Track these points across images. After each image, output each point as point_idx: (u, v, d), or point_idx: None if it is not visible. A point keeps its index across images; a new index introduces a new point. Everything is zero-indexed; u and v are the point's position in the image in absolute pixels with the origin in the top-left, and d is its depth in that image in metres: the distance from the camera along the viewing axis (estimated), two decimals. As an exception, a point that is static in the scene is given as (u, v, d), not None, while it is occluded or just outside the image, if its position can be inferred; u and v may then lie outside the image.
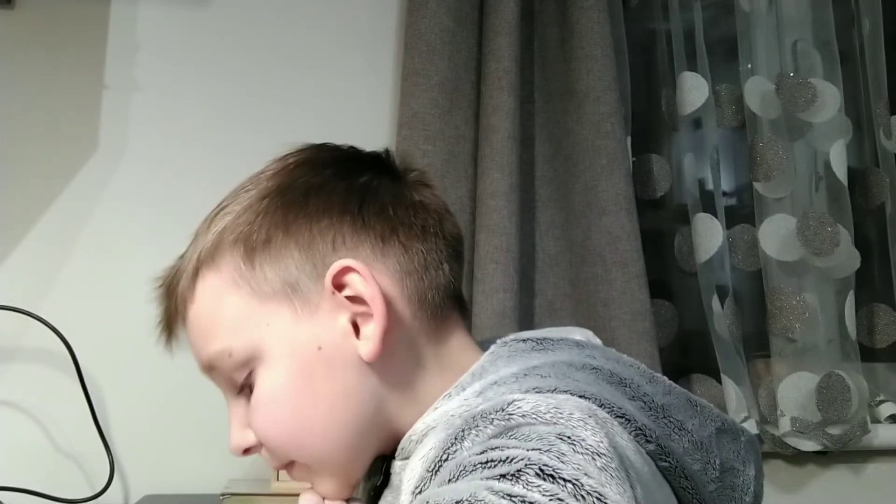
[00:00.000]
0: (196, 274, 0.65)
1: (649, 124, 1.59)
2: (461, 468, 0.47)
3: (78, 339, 1.25)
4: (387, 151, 0.71)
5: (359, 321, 0.63)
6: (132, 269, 1.32)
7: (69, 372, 1.25)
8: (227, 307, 0.64)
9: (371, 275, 0.62)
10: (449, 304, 0.67)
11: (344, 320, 0.63)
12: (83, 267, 1.36)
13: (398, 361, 0.64)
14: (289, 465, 0.66)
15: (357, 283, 0.62)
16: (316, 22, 1.48)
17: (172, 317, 0.68)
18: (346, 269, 0.62)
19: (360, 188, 0.66)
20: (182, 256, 0.68)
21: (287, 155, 0.69)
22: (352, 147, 0.71)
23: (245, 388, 0.65)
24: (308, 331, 0.63)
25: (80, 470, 1.32)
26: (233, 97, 1.43)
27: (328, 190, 0.65)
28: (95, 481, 1.29)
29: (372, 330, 0.62)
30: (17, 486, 1.20)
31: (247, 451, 0.66)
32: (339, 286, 0.63)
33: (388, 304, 0.63)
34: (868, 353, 1.55)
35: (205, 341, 0.65)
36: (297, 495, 0.67)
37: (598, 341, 0.70)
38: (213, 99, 1.43)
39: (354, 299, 0.63)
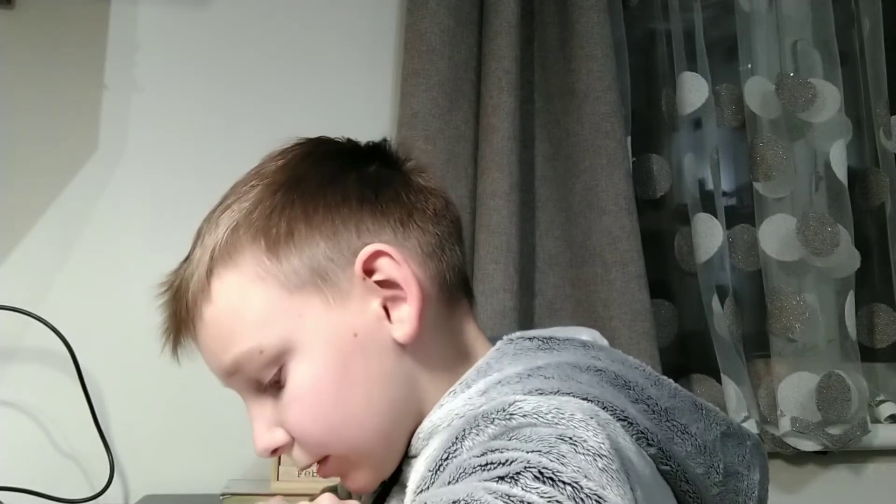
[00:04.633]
0: (210, 274, 0.63)
1: (649, 124, 1.59)
2: (461, 470, 0.47)
3: (78, 339, 1.25)
4: (384, 140, 0.71)
5: (389, 305, 0.63)
6: (132, 269, 1.33)
7: (69, 372, 1.25)
8: (254, 303, 0.62)
9: (402, 257, 0.63)
10: (461, 287, 0.68)
11: (376, 305, 0.63)
12: (83, 267, 1.36)
13: (430, 342, 0.64)
14: (321, 461, 0.65)
15: (388, 267, 0.62)
16: (316, 22, 1.48)
17: (183, 322, 0.65)
18: (377, 254, 0.63)
19: (371, 177, 0.66)
20: (188, 259, 0.66)
21: (286, 150, 0.69)
22: (349, 139, 0.71)
23: (271, 387, 0.63)
24: (342, 318, 0.62)
25: (80, 470, 1.32)
26: (233, 97, 1.43)
27: (341, 180, 0.65)
28: (95, 481, 1.29)
29: (406, 312, 0.62)
30: (17, 486, 1.20)
31: (274, 451, 0.65)
32: (368, 271, 0.63)
33: (419, 284, 0.63)
34: (868, 353, 1.55)
35: (229, 342, 0.63)
36: (297, 495, 0.67)
37: (604, 342, 0.69)
38: (213, 99, 1.43)
39: (384, 283, 0.63)
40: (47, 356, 1.30)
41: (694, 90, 1.49)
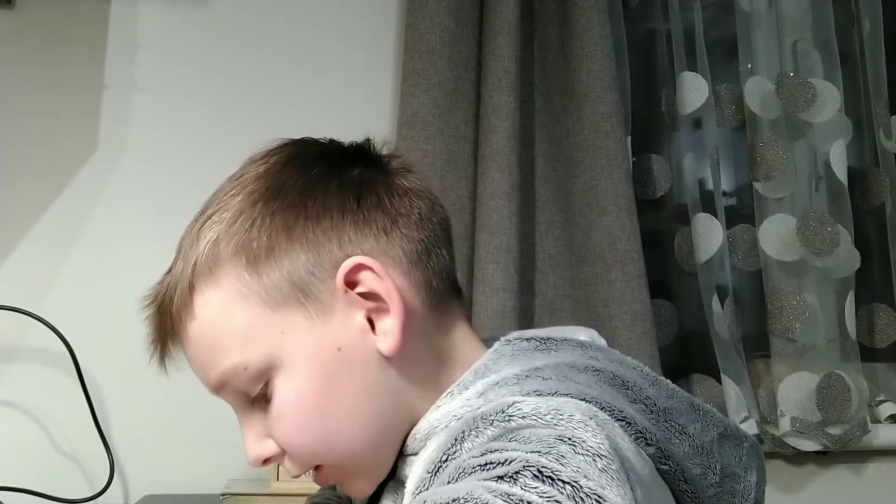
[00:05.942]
0: (192, 289, 0.63)
1: (649, 124, 1.59)
2: (460, 470, 0.47)
3: (78, 339, 1.26)
4: (368, 140, 0.70)
5: (373, 317, 0.62)
6: (132, 269, 1.32)
7: (69, 372, 1.25)
8: (236, 320, 0.62)
9: (384, 269, 0.62)
10: (450, 290, 0.67)
11: (360, 318, 0.62)
12: (83, 267, 1.36)
13: (416, 352, 0.63)
14: (316, 469, 0.65)
15: (370, 280, 0.62)
16: (316, 22, 1.48)
17: (168, 335, 0.65)
18: (359, 267, 0.62)
19: (354, 182, 0.65)
20: (170, 271, 0.65)
21: (268, 154, 0.67)
22: (332, 140, 0.70)
23: (259, 400, 0.63)
24: (325, 333, 0.62)
25: (80, 470, 1.32)
26: (233, 97, 1.43)
27: (322, 188, 0.64)
28: (95, 481, 1.30)
29: (390, 324, 0.62)
30: (17, 486, 1.20)
31: (266, 461, 0.65)
32: (350, 284, 0.62)
33: (401, 296, 0.62)
34: (868, 353, 1.55)
35: (214, 359, 0.63)
36: (297, 496, 0.67)
37: (602, 342, 0.69)
38: (213, 99, 1.43)
39: (367, 295, 0.62)
40: (47, 356, 1.30)
41: (694, 90, 1.49)
